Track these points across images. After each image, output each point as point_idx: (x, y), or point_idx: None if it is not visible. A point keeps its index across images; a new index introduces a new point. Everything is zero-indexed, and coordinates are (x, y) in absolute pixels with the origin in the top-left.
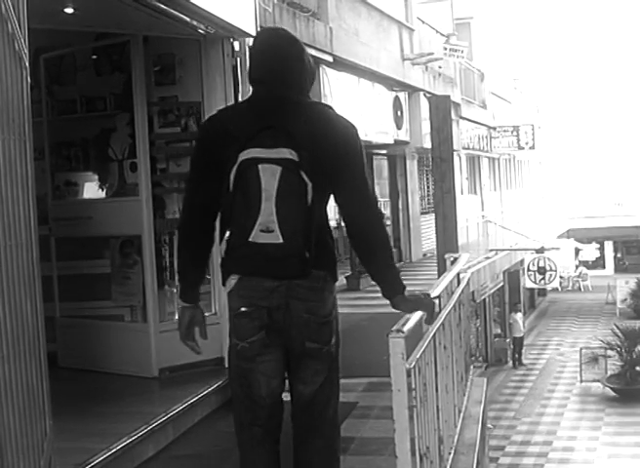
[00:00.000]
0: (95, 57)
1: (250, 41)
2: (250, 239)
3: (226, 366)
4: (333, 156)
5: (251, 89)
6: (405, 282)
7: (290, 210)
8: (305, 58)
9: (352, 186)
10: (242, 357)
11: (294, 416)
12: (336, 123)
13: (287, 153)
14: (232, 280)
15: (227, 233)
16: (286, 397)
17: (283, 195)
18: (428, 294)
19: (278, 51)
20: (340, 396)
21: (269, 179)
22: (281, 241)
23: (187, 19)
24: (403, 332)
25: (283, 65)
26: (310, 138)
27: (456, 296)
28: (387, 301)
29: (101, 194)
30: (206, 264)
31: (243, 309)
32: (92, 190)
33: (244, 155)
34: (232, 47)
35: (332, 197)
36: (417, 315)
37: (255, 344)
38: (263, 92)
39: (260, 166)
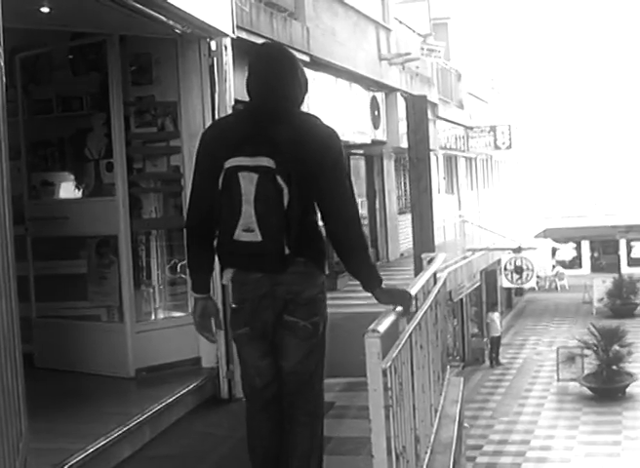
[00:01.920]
0: (71, 56)
1: (226, 41)
2: (234, 237)
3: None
4: (313, 162)
5: (228, 90)
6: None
7: (268, 212)
8: (299, 72)
9: (332, 189)
10: (236, 342)
11: (282, 394)
12: (317, 131)
13: (265, 161)
14: (228, 273)
15: (217, 231)
16: None
17: (260, 199)
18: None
19: (273, 65)
20: (323, 379)
21: (248, 185)
22: (260, 239)
23: (164, 19)
24: (379, 332)
25: (277, 79)
26: (292, 146)
27: (432, 296)
28: (365, 301)
29: (78, 194)
30: (212, 258)
31: (233, 305)
32: (68, 190)
33: (228, 163)
34: (209, 47)
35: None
36: (392, 315)
37: (242, 336)
38: (256, 103)
39: (239, 173)
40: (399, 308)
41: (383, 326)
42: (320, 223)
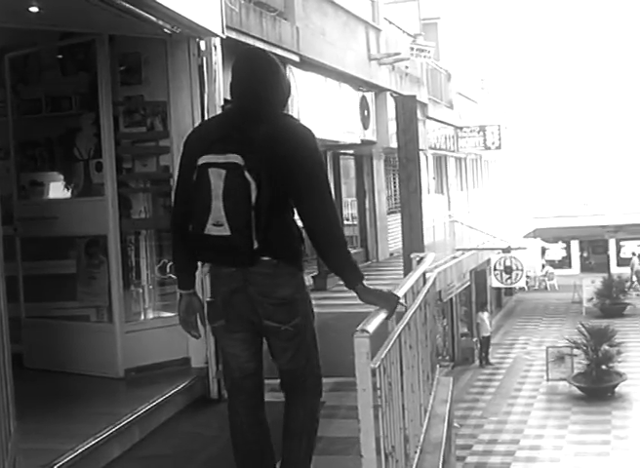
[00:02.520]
0: (60, 56)
1: (216, 41)
2: (205, 231)
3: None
4: (287, 160)
5: (217, 89)
6: (371, 281)
7: (236, 206)
8: (280, 75)
9: (309, 188)
10: (214, 335)
11: (280, 385)
12: (292, 130)
13: (233, 158)
14: (205, 267)
15: (190, 227)
16: None
17: (228, 194)
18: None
19: (255, 68)
20: (319, 370)
21: (216, 181)
22: (229, 233)
23: (153, 19)
24: (368, 332)
25: (258, 82)
26: (265, 144)
27: (421, 296)
28: (354, 301)
29: (67, 194)
30: (193, 254)
31: (208, 299)
32: (57, 190)
33: (200, 160)
34: (198, 46)
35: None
36: (381, 315)
37: (218, 329)
38: (236, 104)
39: (209, 170)
40: (384, 312)
41: (372, 325)
42: (299, 223)
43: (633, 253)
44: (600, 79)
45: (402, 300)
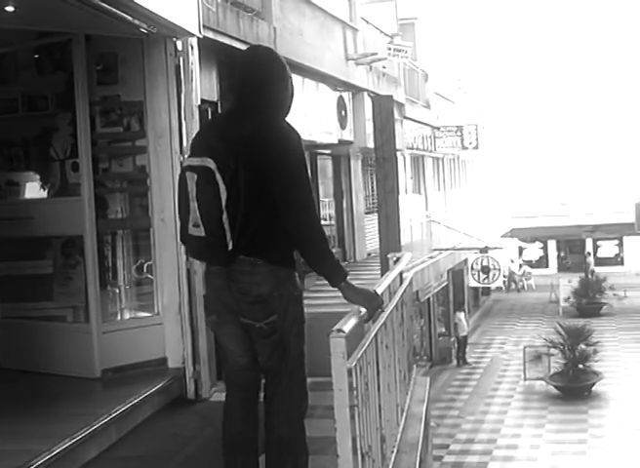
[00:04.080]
0: (36, 55)
1: (193, 41)
2: (189, 232)
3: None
4: (268, 162)
5: (194, 89)
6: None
7: (208, 208)
8: (281, 77)
9: (288, 187)
10: (209, 327)
11: (258, 383)
12: (275, 132)
13: (207, 162)
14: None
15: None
16: None
17: (200, 197)
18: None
19: (258, 66)
20: (300, 371)
21: (192, 184)
22: (204, 234)
23: (130, 19)
24: (344, 332)
25: (257, 80)
26: (247, 146)
27: (398, 296)
28: (332, 301)
29: (43, 194)
30: None
31: (203, 294)
32: (33, 190)
33: (184, 163)
34: (175, 46)
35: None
36: (358, 315)
37: (211, 323)
38: (232, 103)
39: (187, 173)
40: (361, 313)
41: (349, 326)
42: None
43: (588, 253)
44: (576, 79)
45: (383, 302)
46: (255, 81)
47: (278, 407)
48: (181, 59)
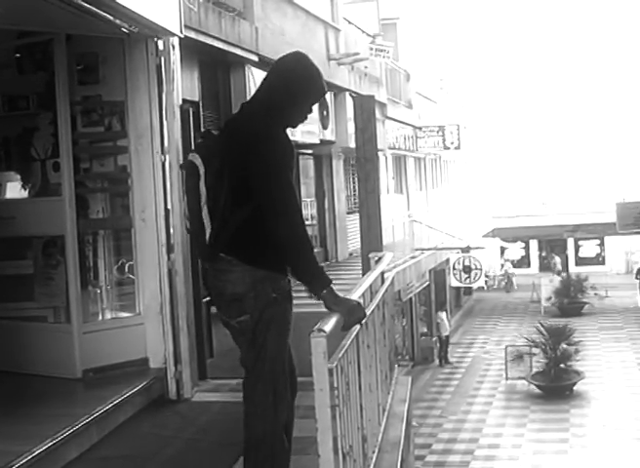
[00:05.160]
0: (17, 55)
1: (174, 40)
2: (187, 226)
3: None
4: (252, 165)
5: (175, 89)
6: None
7: (192, 205)
8: (300, 91)
9: (268, 193)
10: None
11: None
12: (263, 137)
13: (195, 157)
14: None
15: None
16: None
17: (187, 194)
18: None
19: (284, 70)
20: (277, 371)
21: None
22: (191, 229)
23: (111, 18)
24: (325, 332)
25: (268, 86)
26: (233, 147)
27: (379, 295)
28: (312, 301)
29: (24, 194)
30: None
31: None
32: (14, 190)
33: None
34: (156, 46)
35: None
36: (339, 316)
37: (218, 317)
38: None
39: (182, 171)
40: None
41: (329, 325)
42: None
43: (506, 260)
44: (557, 79)
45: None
46: (269, 84)
47: (254, 407)
48: (163, 59)
